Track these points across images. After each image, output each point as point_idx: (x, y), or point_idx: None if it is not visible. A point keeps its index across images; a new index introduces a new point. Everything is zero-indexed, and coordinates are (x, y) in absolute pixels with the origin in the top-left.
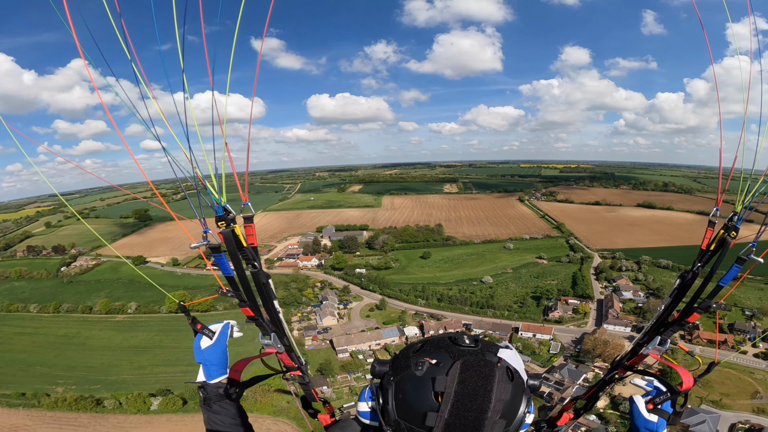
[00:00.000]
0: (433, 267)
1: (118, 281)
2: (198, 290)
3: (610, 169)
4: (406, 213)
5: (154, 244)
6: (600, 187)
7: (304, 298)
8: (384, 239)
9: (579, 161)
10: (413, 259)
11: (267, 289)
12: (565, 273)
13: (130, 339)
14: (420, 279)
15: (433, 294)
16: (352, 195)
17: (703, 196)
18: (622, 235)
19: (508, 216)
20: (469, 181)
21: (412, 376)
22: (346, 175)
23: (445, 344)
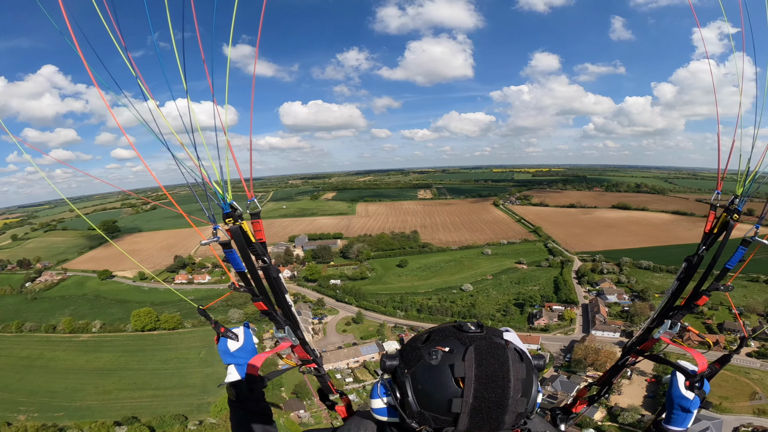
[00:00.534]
0: (411, 275)
1: (83, 297)
2: (166, 306)
3: (581, 172)
4: (381, 220)
5: (122, 257)
6: (573, 189)
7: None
8: (359, 248)
9: (550, 165)
10: (390, 267)
11: (278, 283)
12: (546, 278)
13: (95, 360)
14: (398, 289)
15: (412, 305)
16: (326, 203)
17: (675, 196)
18: (600, 237)
19: (484, 221)
20: (443, 187)
21: (428, 365)
22: (320, 182)
23: (451, 332)
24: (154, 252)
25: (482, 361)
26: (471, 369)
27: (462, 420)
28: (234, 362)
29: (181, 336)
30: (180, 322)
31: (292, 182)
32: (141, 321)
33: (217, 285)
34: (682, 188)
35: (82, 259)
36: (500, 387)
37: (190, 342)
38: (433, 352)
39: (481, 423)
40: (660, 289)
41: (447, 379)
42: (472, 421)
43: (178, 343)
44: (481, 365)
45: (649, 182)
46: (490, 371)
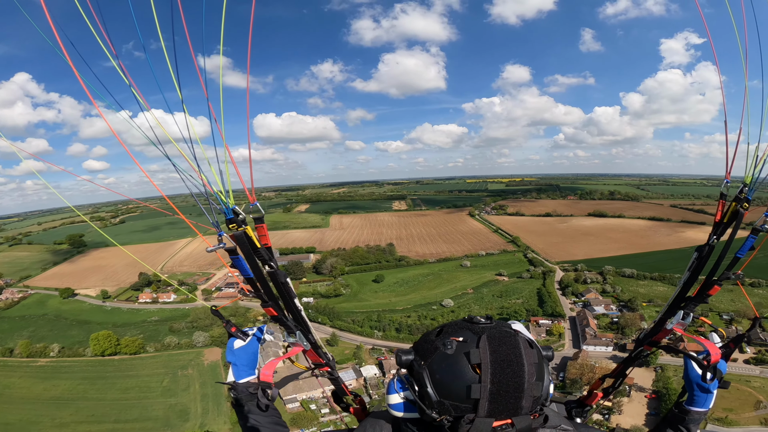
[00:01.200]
0: (388, 291)
1: (43, 317)
2: (128, 328)
3: (554, 181)
4: (356, 232)
5: (86, 274)
6: (547, 198)
7: None
8: (332, 263)
9: (522, 175)
10: (365, 283)
11: (287, 288)
12: (528, 290)
13: (52, 389)
14: (374, 306)
15: (391, 323)
16: (299, 215)
17: (650, 202)
18: (579, 245)
19: (460, 232)
20: (418, 198)
21: (444, 356)
22: (293, 194)
23: (463, 324)
24: (119, 268)
25: (496, 348)
26: (486, 355)
27: (482, 405)
28: (233, 360)
29: (144, 362)
30: (142, 346)
31: (265, 194)
32: (100, 345)
33: (183, 305)
34: (655, 194)
35: (45, 276)
36: (515, 371)
37: (153, 368)
38: (447, 343)
39: (500, 407)
40: (646, 297)
41: (464, 367)
42: (491, 406)
43: (140, 369)
44: (495, 351)
45: (622, 189)
46: (504, 356)
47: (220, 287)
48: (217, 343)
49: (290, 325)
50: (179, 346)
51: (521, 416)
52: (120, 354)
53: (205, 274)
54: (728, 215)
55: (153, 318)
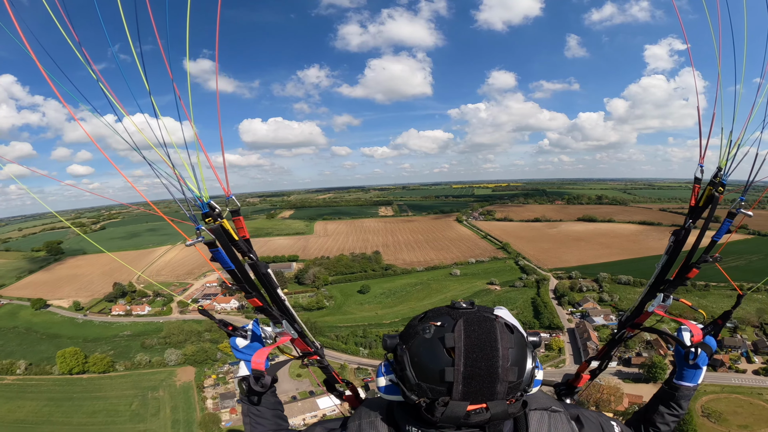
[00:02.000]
0: (374, 303)
1: (14, 330)
2: (99, 343)
3: (540, 186)
4: (341, 239)
5: (61, 283)
6: (535, 203)
7: (220, 354)
8: (315, 272)
9: (508, 180)
10: (350, 294)
11: (268, 278)
12: (522, 300)
13: (17, 410)
14: (359, 319)
15: (377, 339)
16: (282, 221)
17: (638, 206)
18: (571, 251)
19: (448, 238)
20: (404, 204)
21: (422, 339)
22: (278, 200)
23: (445, 310)
24: (95, 277)
25: (470, 332)
26: (460, 339)
27: (456, 388)
28: (242, 358)
29: (113, 381)
30: (111, 365)
31: (249, 200)
32: (67, 363)
33: (157, 318)
34: (642, 198)
35: (20, 285)
36: (488, 355)
37: (122, 389)
38: (426, 327)
39: (474, 391)
40: None
41: (439, 351)
42: (465, 389)
43: (108, 390)
44: (469, 336)
45: (609, 194)
46: (476, 341)
47: (196, 299)
48: (190, 362)
49: (276, 315)
50: (150, 365)
51: (496, 401)
52: (89, 372)
53: (182, 284)
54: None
55: (125, 332)
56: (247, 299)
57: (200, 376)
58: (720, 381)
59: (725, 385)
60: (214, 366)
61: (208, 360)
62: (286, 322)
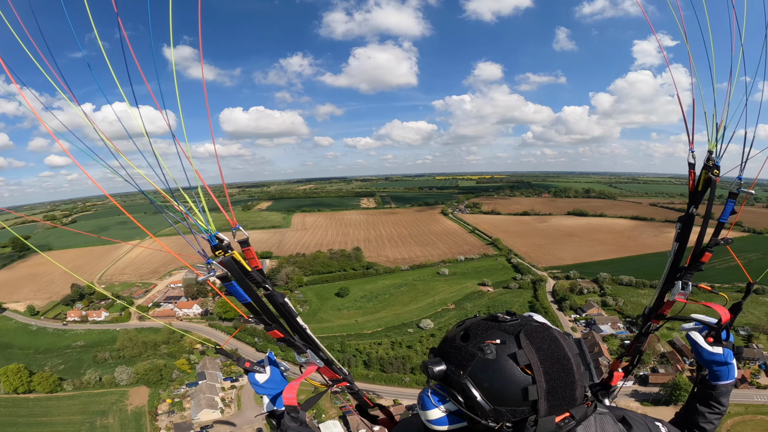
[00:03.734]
0: (354, 308)
1: None
2: (50, 355)
3: (523, 178)
4: (319, 233)
5: (21, 283)
6: (521, 196)
7: (176, 372)
8: (289, 272)
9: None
10: (327, 297)
11: (287, 308)
12: (519, 303)
13: None
14: (337, 328)
15: (357, 355)
16: (258, 213)
17: (627, 201)
18: (565, 248)
19: (434, 232)
20: (387, 195)
21: (486, 362)
22: (257, 191)
23: (489, 325)
24: (55, 277)
25: (539, 345)
26: (533, 354)
27: (541, 405)
28: (265, 393)
29: (60, 403)
30: (58, 384)
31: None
32: (10, 382)
33: (114, 325)
34: (629, 192)
35: None
36: (565, 365)
37: (70, 413)
38: (485, 347)
39: (558, 403)
40: None
41: (512, 370)
42: (549, 403)
43: (55, 413)
44: (540, 349)
45: (596, 187)
46: (549, 353)
47: (158, 302)
48: (143, 381)
49: (299, 345)
50: (100, 384)
51: (577, 407)
52: (35, 392)
53: (145, 285)
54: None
55: (78, 343)
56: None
57: (154, 399)
58: (743, 399)
59: (749, 405)
60: (170, 388)
61: (162, 380)
62: (311, 351)
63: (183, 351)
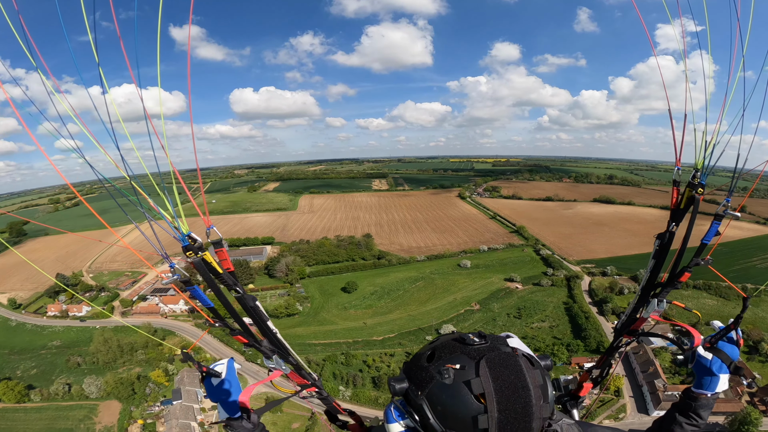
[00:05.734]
0: (362, 307)
1: None
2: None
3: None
4: (327, 217)
5: (11, 271)
6: (541, 180)
7: (151, 386)
8: (290, 262)
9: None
10: (332, 293)
11: (257, 311)
12: (553, 305)
13: None
14: (342, 332)
15: (365, 369)
16: (264, 195)
17: (652, 189)
18: (596, 238)
19: (451, 217)
20: (400, 177)
21: (443, 385)
22: (266, 172)
23: (455, 346)
24: (47, 264)
25: (498, 374)
26: (489, 384)
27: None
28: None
29: (27, 416)
30: (25, 394)
31: (237, 172)
32: None
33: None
34: (652, 180)
35: None
36: (522, 396)
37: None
38: (444, 371)
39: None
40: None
41: (466, 397)
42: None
43: (21, 427)
44: (497, 378)
45: (617, 174)
46: (507, 383)
47: (144, 295)
48: (114, 395)
49: (266, 351)
50: (69, 396)
51: None
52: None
53: (135, 274)
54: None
55: (54, 342)
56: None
57: (125, 418)
58: None
59: None
60: (143, 405)
61: (135, 395)
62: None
63: (162, 358)
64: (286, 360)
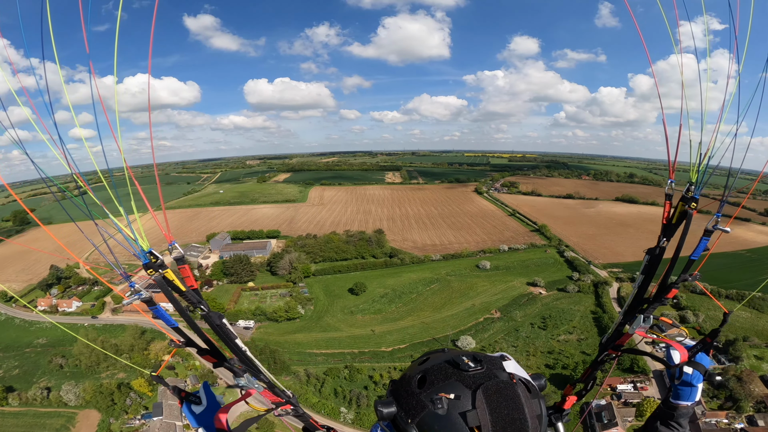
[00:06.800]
0: (371, 312)
1: None
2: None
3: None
4: (337, 210)
5: (9, 261)
6: (560, 177)
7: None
8: (293, 259)
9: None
10: (338, 294)
11: (224, 330)
12: (580, 314)
13: None
14: (346, 342)
15: (371, 387)
16: (274, 186)
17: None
18: (622, 240)
19: (468, 213)
20: (414, 170)
21: (435, 416)
22: (278, 163)
23: (452, 372)
24: (44, 255)
25: (495, 406)
26: (485, 416)
27: None
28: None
29: (3, 421)
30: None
31: (249, 162)
32: None
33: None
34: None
35: None
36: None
37: None
38: (437, 401)
39: None
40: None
41: (461, 429)
42: None
43: None
44: (494, 411)
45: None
46: (505, 415)
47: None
48: (94, 404)
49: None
50: (47, 402)
51: None
52: None
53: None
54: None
55: (40, 340)
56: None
57: (103, 430)
58: None
59: None
60: (123, 417)
61: (115, 406)
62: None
63: (147, 364)
64: (258, 378)
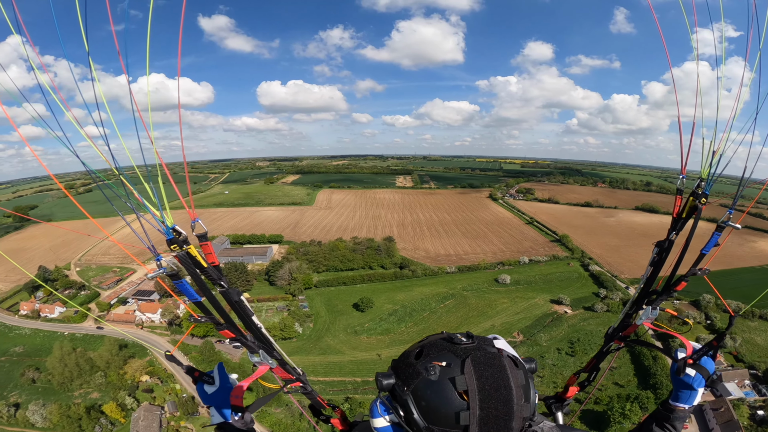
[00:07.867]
0: (377, 332)
1: None
2: None
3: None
4: (345, 214)
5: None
6: (575, 184)
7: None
8: (293, 269)
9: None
10: (341, 310)
11: (242, 306)
12: None
13: None
14: (348, 367)
15: None
16: (281, 187)
17: None
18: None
19: (483, 221)
20: (425, 174)
21: (428, 382)
22: (288, 164)
23: (444, 345)
24: (39, 253)
25: (482, 373)
26: (472, 381)
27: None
28: (213, 404)
29: None
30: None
31: (259, 164)
32: None
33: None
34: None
35: None
36: (504, 396)
37: None
38: (430, 368)
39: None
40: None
41: (450, 394)
42: (482, 429)
43: None
44: (481, 376)
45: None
46: (490, 382)
47: (125, 298)
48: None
49: (251, 345)
50: (14, 421)
51: None
52: None
53: (123, 271)
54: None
55: (17, 348)
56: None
57: None
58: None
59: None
60: None
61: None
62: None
63: (123, 385)
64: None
